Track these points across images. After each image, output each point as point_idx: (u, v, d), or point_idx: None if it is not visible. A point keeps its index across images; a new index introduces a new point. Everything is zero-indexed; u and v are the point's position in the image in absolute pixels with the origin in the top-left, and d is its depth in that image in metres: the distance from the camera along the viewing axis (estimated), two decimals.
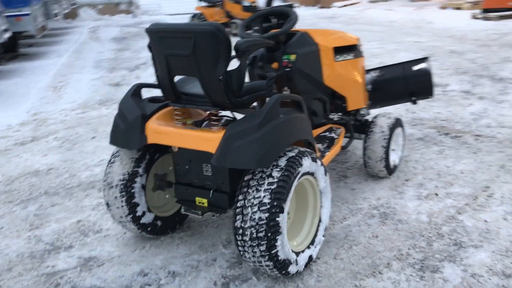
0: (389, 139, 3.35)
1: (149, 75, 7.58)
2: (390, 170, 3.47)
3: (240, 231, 2.25)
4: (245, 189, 2.27)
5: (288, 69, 2.91)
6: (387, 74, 3.77)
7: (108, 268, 2.64)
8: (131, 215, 2.67)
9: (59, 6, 12.79)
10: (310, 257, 2.50)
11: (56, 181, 3.81)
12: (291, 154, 2.33)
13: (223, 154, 2.22)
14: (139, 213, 2.69)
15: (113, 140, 2.62)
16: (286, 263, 2.30)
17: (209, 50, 2.23)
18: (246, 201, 2.24)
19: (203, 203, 2.59)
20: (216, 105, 2.42)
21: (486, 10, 11.17)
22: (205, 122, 2.63)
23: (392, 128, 3.37)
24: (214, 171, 2.52)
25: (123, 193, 2.64)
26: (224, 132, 2.28)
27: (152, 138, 2.52)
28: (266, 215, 2.18)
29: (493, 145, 3.99)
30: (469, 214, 2.95)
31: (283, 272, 2.32)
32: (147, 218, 2.74)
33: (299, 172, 2.30)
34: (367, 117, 3.55)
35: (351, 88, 3.28)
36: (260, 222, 2.19)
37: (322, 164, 2.51)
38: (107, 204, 2.73)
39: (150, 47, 2.55)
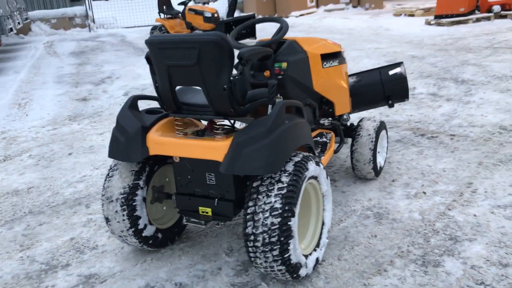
0: (376, 142, 3.45)
1: (116, 88, 7.48)
2: (377, 172, 3.57)
3: (252, 237, 2.27)
4: (254, 195, 2.29)
5: (280, 76, 2.96)
6: (364, 79, 3.88)
7: (111, 284, 2.59)
8: (132, 229, 2.63)
9: (12, 21, 12.41)
10: (317, 260, 2.54)
11: (40, 200, 3.69)
12: (297, 159, 2.37)
13: (233, 161, 2.24)
14: (140, 226, 2.66)
15: (113, 154, 2.58)
16: (298, 266, 2.34)
17: (213, 59, 2.25)
18: (256, 207, 2.26)
19: (207, 212, 2.59)
20: (219, 114, 2.43)
21: (438, 17, 11.65)
22: (206, 132, 2.63)
23: (377, 131, 3.48)
24: (218, 179, 2.52)
25: (124, 207, 2.60)
26: (232, 140, 2.30)
27: (154, 150, 2.51)
28: (278, 219, 2.21)
29: (468, 143, 4.18)
30: (458, 210, 3.08)
31: (294, 275, 2.35)
32: (149, 231, 2.71)
33: (305, 176, 2.34)
34: (349, 122, 3.65)
35: (338, 93, 3.36)
36: (273, 227, 2.22)
37: (324, 168, 2.57)
38: (107, 219, 2.68)
39: (148, 58, 2.54)
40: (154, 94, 2.66)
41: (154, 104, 2.92)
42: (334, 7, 16.58)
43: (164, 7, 11.59)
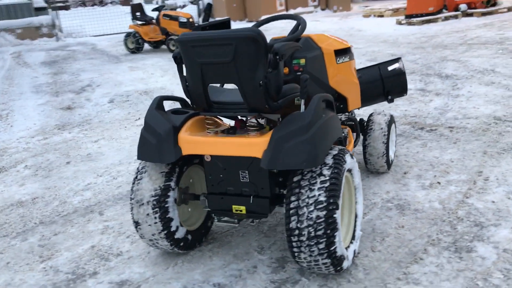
0: (388, 135, 3.50)
1: (99, 96, 7.34)
2: (389, 165, 3.63)
3: (296, 231, 2.26)
4: (296, 190, 2.28)
5: (299, 73, 2.97)
6: (364, 75, 3.93)
7: None
8: (165, 231, 2.59)
9: None
10: (354, 252, 2.56)
11: (48, 210, 3.58)
12: (334, 152, 2.38)
13: (275, 157, 2.23)
14: (173, 228, 2.61)
15: (143, 156, 2.53)
16: (342, 259, 2.34)
17: (250, 55, 2.24)
18: (300, 201, 2.25)
19: (240, 210, 2.57)
20: (254, 110, 2.42)
21: (408, 16, 11.95)
22: (237, 130, 2.61)
23: (389, 125, 3.53)
24: (252, 177, 2.51)
25: (156, 209, 2.55)
26: (271, 136, 2.29)
27: (187, 149, 2.47)
28: (324, 212, 2.22)
29: (468, 134, 4.29)
30: (476, 198, 3.15)
31: (338, 268, 2.36)
32: (180, 233, 2.67)
33: (344, 169, 2.36)
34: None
35: (351, 89, 3.40)
36: (318, 221, 2.22)
37: (356, 161, 2.59)
38: (137, 223, 2.62)
39: (176, 57, 2.51)
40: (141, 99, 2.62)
41: (173, 105, 2.88)
42: (303, 10, 16.76)
43: (137, 13, 11.45)
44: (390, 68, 3.95)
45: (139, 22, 11.56)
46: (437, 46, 8.69)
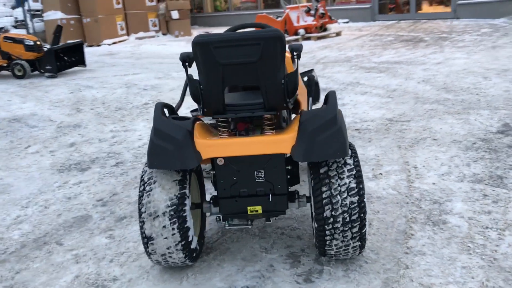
0: None
1: None
2: None
3: (331, 219, 2.39)
4: (326, 180, 2.41)
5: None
6: None
7: None
8: (182, 242, 2.47)
9: None
10: None
11: None
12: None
13: (309, 150, 2.34)
14: (190, 239, 2.51)
15: (159, 163, 2.40)
16: (366, 240, 2.53)
17: (275, 55, 2.33)
18: (332, 190, 2.39)
19: (256, 211, 2.59)
20: (271, 109, 2.49)
21: None
22: (249, 131, 2.64)
23: None
24: (268, 175, 2.56)
25: (174, 219, 2.43)
26: (299, 131, 2.38)
27: (207, 153, 2.43)
28: (356, 198, 2.39)
29: (375, 134, 4.86)
30: (418, 182, 3.63)
31: (362, 250, 2.54)
32: (194, 243, 2.57)
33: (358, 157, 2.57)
34: None
35: (302, 93, 3.64)
36: (352, 206, 2.38)
37: None
38: (149, 238, 2.46)
39: (185, 61, 2.46)
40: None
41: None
42: (145, 35, 16.62)
43: None
44: (305, 78, 4.31)
45: None
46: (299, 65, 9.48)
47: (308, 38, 13.33)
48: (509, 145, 4.16)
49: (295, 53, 2.50)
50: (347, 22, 15.06)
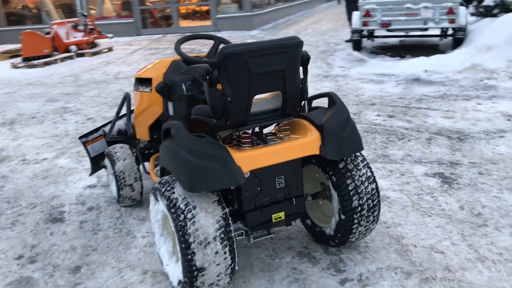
0: None
1: None
2: None
3: (359, 208, 2.61)
4: (348, 174, 2.61)
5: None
6: None
7: None
8: (232, 265, 2.34)
9: None
10: None
11: None
12: None
13: (340, 147, 2.51)
14: (236, 259, 2.37)
15: (206, 185, 2.22)
16: None
17: (297, 61, 2.43)
18: (356, 181, 2.61)
19: (280, 217, 2.62)
20: (288, 115, 2.56)
21: (27, 59, 11.47)
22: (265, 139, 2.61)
23: None
24: (287, 180, 2.63)
25: (226, 242, 2.29)
26: (323, 131, 2.51)
27: (248, 166, 2.37)
28: (374, 184, 2.67)
29: None
30: (409, 171, 4.02)
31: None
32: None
33: None
34: None
35: None
36: (373, 192, 2.66)
37: None
38: (200, 269, 2.25)
39: (208, 75, 2.32)
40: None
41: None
42: None
43: None
44: None
45: None
46: (100, 82, 8.99)
47: (82, 55, 12.67)
48: None
49: (306, 61, 2.59)
50: (112, 37, 14.74)
